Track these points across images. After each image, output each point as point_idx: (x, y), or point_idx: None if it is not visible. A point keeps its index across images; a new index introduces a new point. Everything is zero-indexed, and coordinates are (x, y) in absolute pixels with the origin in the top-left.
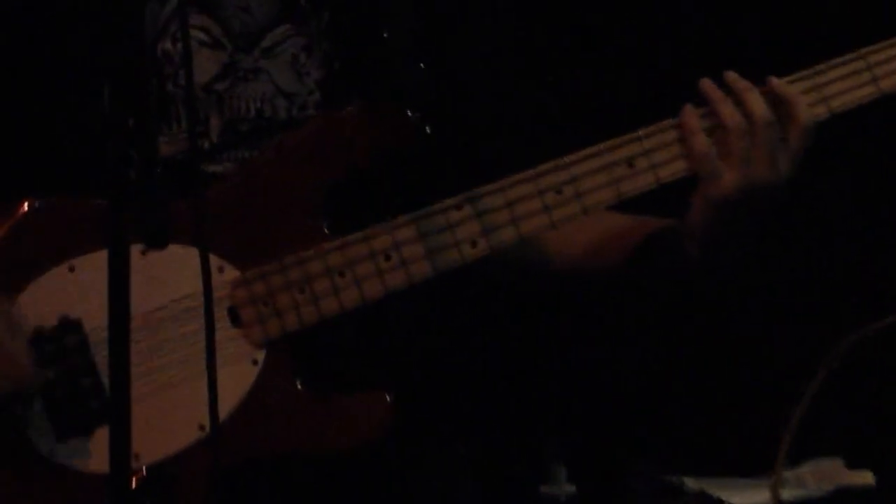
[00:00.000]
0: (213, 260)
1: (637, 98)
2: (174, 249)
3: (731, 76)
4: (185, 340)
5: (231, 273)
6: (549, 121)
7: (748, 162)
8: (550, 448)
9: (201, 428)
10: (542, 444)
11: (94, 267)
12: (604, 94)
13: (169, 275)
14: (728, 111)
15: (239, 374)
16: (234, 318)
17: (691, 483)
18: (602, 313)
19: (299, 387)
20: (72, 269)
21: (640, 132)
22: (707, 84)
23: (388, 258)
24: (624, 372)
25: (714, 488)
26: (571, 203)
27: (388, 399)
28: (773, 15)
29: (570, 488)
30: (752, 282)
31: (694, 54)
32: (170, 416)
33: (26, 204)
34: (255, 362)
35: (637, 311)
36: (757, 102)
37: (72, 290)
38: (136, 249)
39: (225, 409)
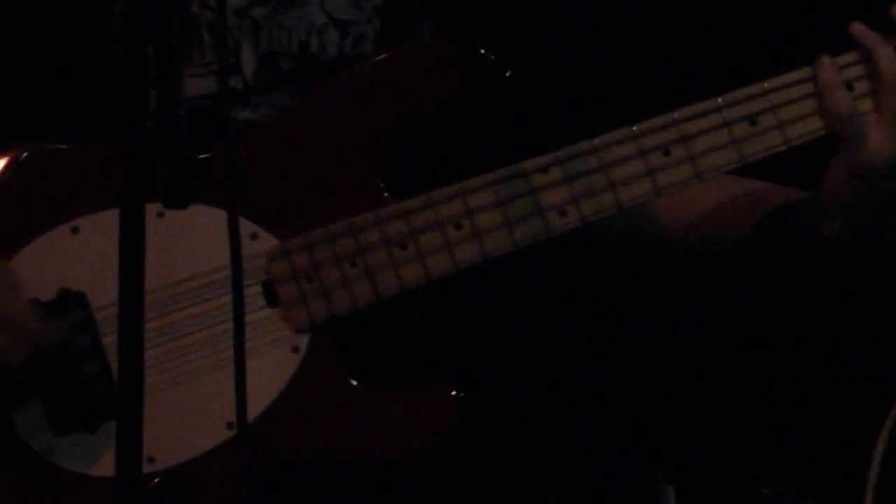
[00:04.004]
0: (245, 225)
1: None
2: (198, 211)
3: (860, 29)
4: (209, 321)
5: (267, 241)
6: (656, 70)
7: None
8: (658, 465)
9: (230, 427)
10: (647, 461)
11: (101, 229)
12: (722, 34)
13: (191, 241)
14: (887, 57)
15: (276, 363)
16: (271, 296)
17: None
18: (728, 305)
19: (348, 380)
20: (75, 231)
21: (765, 84)
22: (859, 27)
23: (458, 227)
24: (755, 375)
25: None
26: (682, 166)
27: (455, 396)
28: None
29: None
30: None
31: None
32: (191, 412)
33: (22, 151)
34: (295, 350)
35: (767, 304)
36: None
37: (74, 257)
38: (152, 210)
39: (259, 405)
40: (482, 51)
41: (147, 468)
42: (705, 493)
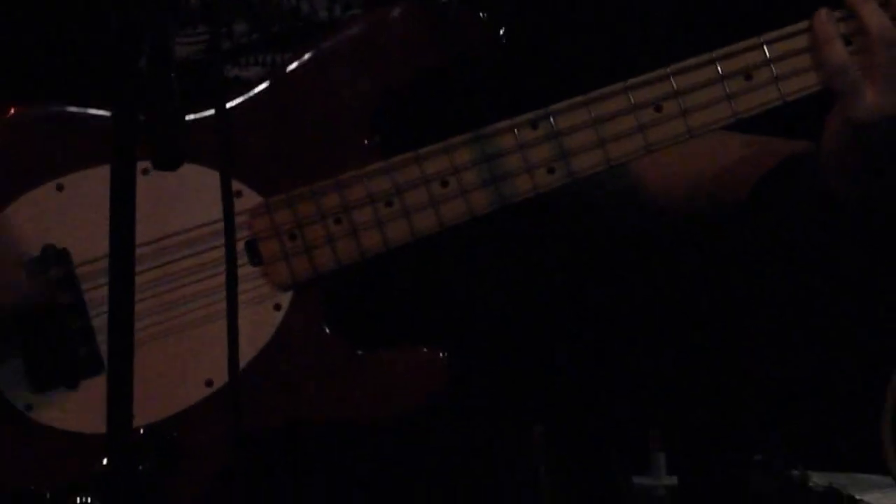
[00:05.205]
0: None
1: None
2: (184, 167)
3: None
4: (193, 277)
5: (251, 199)
6: (654, 32)
7: (893, 78)
8: (649, 432)
9: (208, 384)
10: (638, 427)
11: (86, 187)
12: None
13: (177, 197)
14: (872, 12)
15: (257, 320)
16: (254, 253)
17: (818, 478)
18: (715, 269)
19: (332, 339)
20: (60, 189)
21: (762, 38)
22: None
23: (444, 184)
24: (741, 347)
25: (844, 484)
26: (674, 122)
27: (443, 358)
28: None
29: (670, 480)
30: None
31: None
32: (170, 369)
33: (8, 109)
34: (277, 307)
35: (759, 270)
36: None
37: (59, 214)
38: (138, 167)
39: (240, 362)
40: (475, 10)
41: None
42: (695, 461)
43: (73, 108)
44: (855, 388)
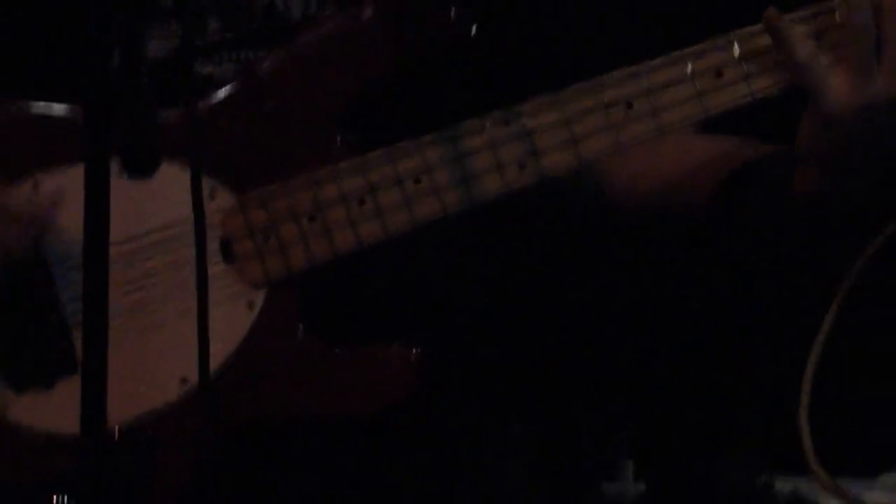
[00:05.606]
0: (204, 181)
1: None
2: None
3: None
4: (166, 276)
5: (224, 198)
6: (622, 26)
7: (866, 71)
8: (617, 439)
9: (183, 382)
10: (607, 434)
11: (61, 185)
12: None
13: (150, 196)
14: (846, 6)
15: (231, 319)
16: (227, 251)
17: (782, 484)
18: (686, 271)
19: (305, 337)
20: (35, 186)
21: (732, 35)
22: None
23: (417, 181)
24: (707, 353)
25: (809, 490)
26: (644, 120)
27: (416, 355)
28: None
29: (638, 487)
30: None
31: None
32: (144, 368)
33: None
34: (251, 306)
35: (725, 277)
36: None
37: (34, 212)
38: (113, 166)
39: (214, 361)
40: (446, 7)
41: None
42: (664, 467)
43: (46, 106)
44: (822, 394)
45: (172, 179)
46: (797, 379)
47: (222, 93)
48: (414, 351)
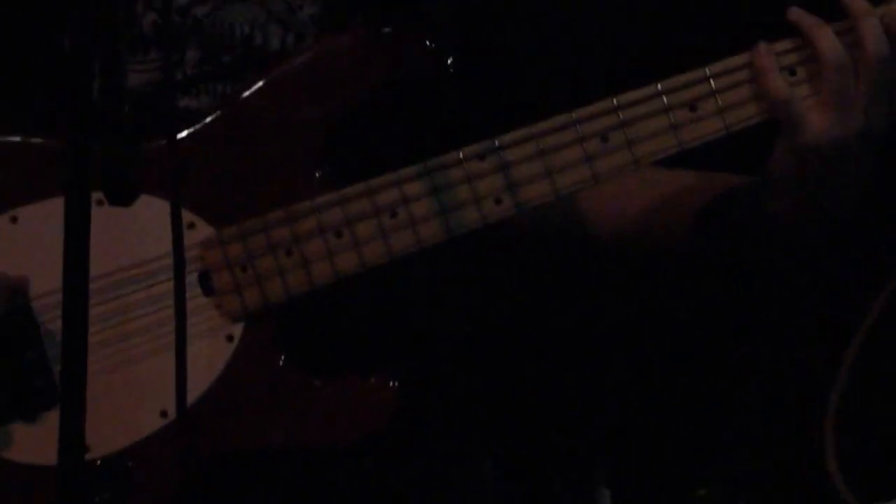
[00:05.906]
0: (183, 214)
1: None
2: (138, 199)
3: (797, 13)
4: (146, 309)
5: (203, 230)
6: (600, 61)
7: (843, 104)
8: (594, 467)
9: (163, 415)
10: (585, 462)
11: (40, 219)
12: (664, 25)
13: (130, 230)
14: (825, 36)
15: (210, 351)
16: (206, 284)
17: None
18: (667, 300)
19: (284, 368)
20: (14, 221)
21: (706, 70)
22: (797, 12)
23: (394, 215)
24: (685, 382)
25: None
26: (620, 153)
27: (393, 387)
28: None
29: None
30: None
31: None
32: (125, 400)
33: None
34: (230, 338)
35: (704, 306)
36: (869, 30)
37: (13, 246)
38: (92, 199)
39: (193, 394)
40: (423, 38)
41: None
42: (641, 496)
43: (24, 139)
44: (797, 424)
45: (152, 212)
46: (774, 411)
47: (201, 126)
48: (391, 384)
